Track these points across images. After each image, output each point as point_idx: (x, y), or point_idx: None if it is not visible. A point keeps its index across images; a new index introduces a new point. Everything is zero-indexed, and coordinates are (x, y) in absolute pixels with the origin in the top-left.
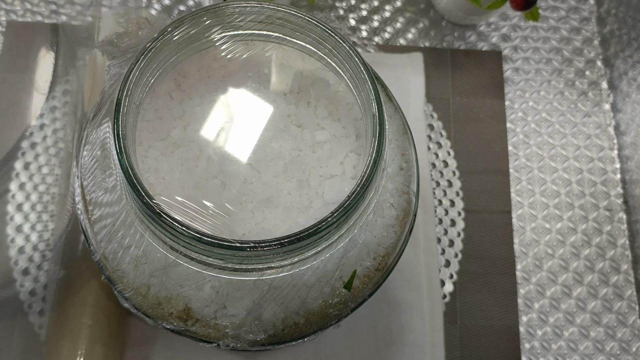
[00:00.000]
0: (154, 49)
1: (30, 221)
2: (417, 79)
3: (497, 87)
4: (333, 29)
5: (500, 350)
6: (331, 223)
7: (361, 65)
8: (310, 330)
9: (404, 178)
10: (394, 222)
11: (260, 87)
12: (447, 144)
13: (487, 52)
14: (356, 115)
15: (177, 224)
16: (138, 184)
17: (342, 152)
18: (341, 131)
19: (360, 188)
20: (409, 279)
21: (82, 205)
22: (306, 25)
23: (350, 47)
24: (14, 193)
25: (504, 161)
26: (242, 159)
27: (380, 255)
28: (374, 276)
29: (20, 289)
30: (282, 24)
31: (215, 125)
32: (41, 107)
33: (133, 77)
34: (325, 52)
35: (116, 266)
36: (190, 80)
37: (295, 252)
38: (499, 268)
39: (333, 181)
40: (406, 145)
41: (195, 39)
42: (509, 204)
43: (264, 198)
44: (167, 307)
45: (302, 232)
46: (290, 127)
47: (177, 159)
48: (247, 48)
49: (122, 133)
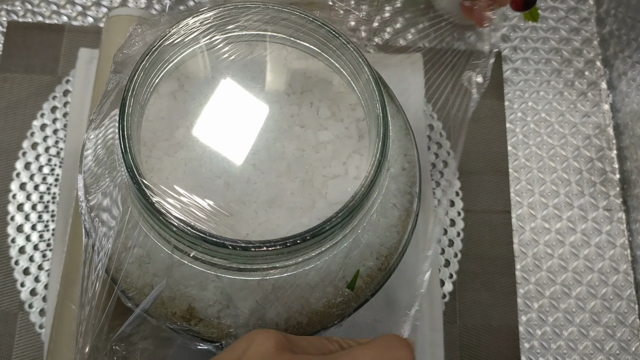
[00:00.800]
0: (158, 49)
1: (31, 221)
2: (417, 80)
3: (497, 87)
4: (337, 30)
5: (500, 349)
6: (335, 223)
7: (365, 66)
8: (313, 330)
9: (407, 178)
10: (397, 222)
11: (264, 88)
12: (447, 144)
13: None
14: (359, 115)
15: (182, 224)
16: (143, 184)
17: (345, 152)
18: (344, 132)
19: (364, 188)
20: (408, 279)
21: (84, 204)
22: (310, 26)
23: (354, 48)
24: (15, 193)
25: (503, 161)
26: (246, 159)
27: (383, 255)
28: (376, 276)
29: (21, 289)
30: (286, 24)
31: (219, 125)
32: (42, 107)
33: (138, 77)
34: (329, 53)
35: (119, 266)
36: (194, 81)
37: (299, 252)
38: (499, 268)
39: (336, 181)
40: (408, 146)
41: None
42: (509, 204)
43: (268, 198)
44: (171, 306)
45: (307, 232)
46: (293, 128)
47: (180, 159)
48: (251, 49)
49: (127, 133)
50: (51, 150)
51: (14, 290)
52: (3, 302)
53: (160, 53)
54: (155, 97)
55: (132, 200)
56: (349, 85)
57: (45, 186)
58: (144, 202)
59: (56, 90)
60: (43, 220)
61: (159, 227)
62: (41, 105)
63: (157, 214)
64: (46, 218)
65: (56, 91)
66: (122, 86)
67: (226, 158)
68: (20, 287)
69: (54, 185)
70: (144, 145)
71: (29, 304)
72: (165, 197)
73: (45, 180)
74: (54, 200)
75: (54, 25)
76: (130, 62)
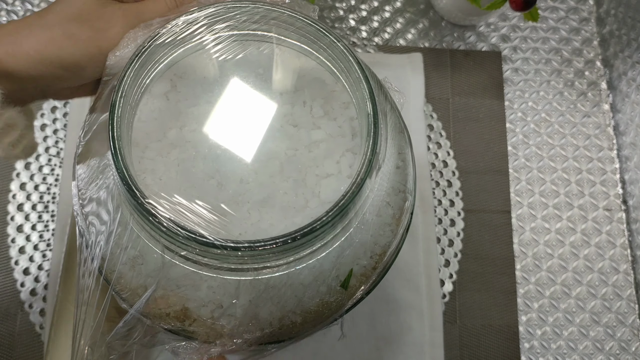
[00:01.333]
0: (149, 50)
1: (30, 221)
2: (417, 80)
3: (497, 87)
4: (327, 28)
5: (500, 349)
6: (326, 222)
7: (355, 64)
8: (307, 330)
9: (400, 177)
10: (391, 220)
11: (256, 87)
12: (447, 144)
13: (486, 53)
14: (352, 114)
15: (172, 225)
16: (133, 185)
17: (338, 151)
18: (337, 130)
19: (355, 187)
20: (408, 279)
21: (78, 206)
22: (300, 24)
23: (344, 46)
24: (15, 193)
25: (503, 161)
26: (238, 159)
27: (377, 253)
28: (371, 275)
29: (21, 289)
30: (276, 23)
31: (211, 125)
32: (42, 107)
33: (128, 78)
34: (320, 51)
35: (113, 267)
36: (186, 81)
37: (290, 252)
38: (499, 268)
39: (329, 180)
40: (402, 144)
41: (189, 40)
42: (509, 204)
43: (261, 198)
44: (165, 307)
45: (297, 232)
46: (286, 127)
47: (173, 159)
48: (242, 48)
49: (117, 134)
50: (51, 150)
51: (14, 290)
52: (3, 302)
53: (151, 53)
54: (148, 98)
55: (123, 201)
56: (342, 84)
57: (45, 186)
58: (134, 203)
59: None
60: (43, 220)
61: (150, 228)
62: (41, 105)
63: (147, 215)
64: (46, 218)
65: None
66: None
67: (219, 158)
68: (20, 287)
69: (54, 185)
70: (136, 146)
71: (29, 304)
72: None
73: (45, 180)
74: (54, 200)
75: None
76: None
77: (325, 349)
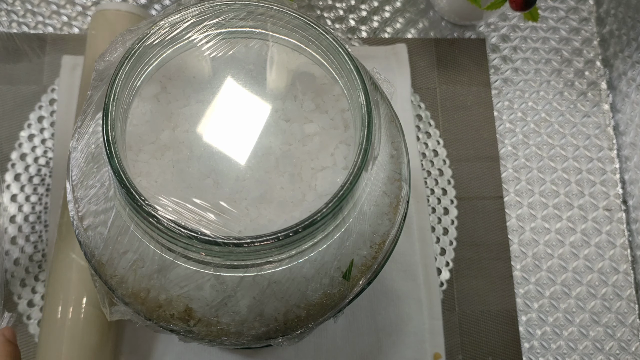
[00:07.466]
0: (138, 51)
1: (23, 232)
2: (403, 70)
3: (482, 73)
4: (315, 21)
5: (499, 333)
6: (326, 214)
7: (346, 55)
8: (312, 322)
9: (395, 165)
10: (388, 209)
11: (246, 84)
12: (436, 133)
13: (471, 40)
14: (344, 106)
15: (173, 225)
16: (132, 188)
17: (332, 143)
18: (329, 123)
19: (352, 177)
20: (405, 269)
21: (74, 213)
22: (288, 18)
23: (333, 39)
24: (6, 205)
25: (492, 147)
26: (233, 156)
27: (377, 243)
28: (371, 264)
29: (18, 302)
30: (264, 19)
31: (204, 125)
32: (29, 117)
33: (119, 81)
34: (310, 45)
35: (113, 272)
36: (176, 82)
37: (292, 246)
38: (494, 253)
39: (325, 173)
40: (395, 133)
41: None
42: (500, 189)
43: (258, 194)
44: (168, 309)
45: (298, 225)
46: (278, 122)
47: (168, 161)
48: (231, 45)
49: (112, 138)
50: (40, 160)
51: (11, 302)
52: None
53: (141, 55)
54: (138, 101)
55: (121, 205)
56: (332, 77)
57: (37, 197)
58: (133, 205)
59: (42, 99)
60: (36, 230)
61: (150, 229)
62: (27, 116)
63: (147, 217)
64: (39, 228)
65: (42, 100)
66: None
67: (213, 157)
68: (18, 300)
69: (45, 195)
70: (130, 149)
71: (27, 316)
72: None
73: (36, 190)
74: (46, 210)
75: (38, 34)
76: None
77: (327, 344)
